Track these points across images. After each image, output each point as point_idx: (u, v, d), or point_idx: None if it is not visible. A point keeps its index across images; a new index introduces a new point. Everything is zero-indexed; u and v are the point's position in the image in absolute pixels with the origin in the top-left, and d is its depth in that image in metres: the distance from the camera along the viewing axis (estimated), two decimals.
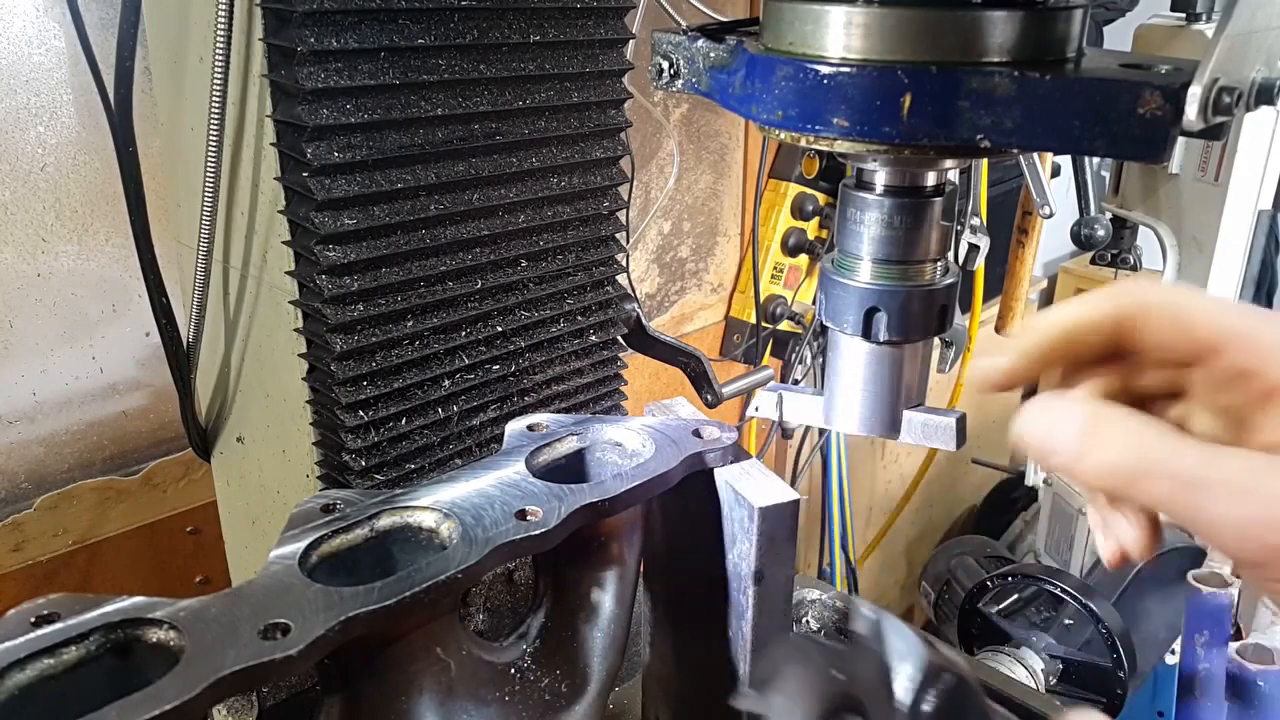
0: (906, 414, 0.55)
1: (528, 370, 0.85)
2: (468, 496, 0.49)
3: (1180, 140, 0.42)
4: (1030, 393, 0.46)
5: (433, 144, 0.73)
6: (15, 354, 1.05)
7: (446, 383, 0.79)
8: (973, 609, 1.43)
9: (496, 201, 0.78)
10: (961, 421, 0.55)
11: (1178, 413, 0.42)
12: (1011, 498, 2.54)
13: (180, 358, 0.89)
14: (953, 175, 0.54)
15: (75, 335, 1.09)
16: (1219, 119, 0.41)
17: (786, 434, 1.95)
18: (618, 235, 0.89)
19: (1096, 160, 1.53)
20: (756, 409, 0.57)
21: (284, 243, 0.73)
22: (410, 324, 0.75)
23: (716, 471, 0.55)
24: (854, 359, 0.54)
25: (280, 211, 0.72)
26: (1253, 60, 0.43)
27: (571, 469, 0.57)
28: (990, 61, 0.44)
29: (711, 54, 0.52)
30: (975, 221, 1.68)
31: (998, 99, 0.43)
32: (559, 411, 0.87)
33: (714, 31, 0.53)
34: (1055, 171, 1.71)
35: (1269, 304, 2.72)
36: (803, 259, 1.78)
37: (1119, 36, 1.56)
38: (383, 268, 0.73)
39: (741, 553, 0.53)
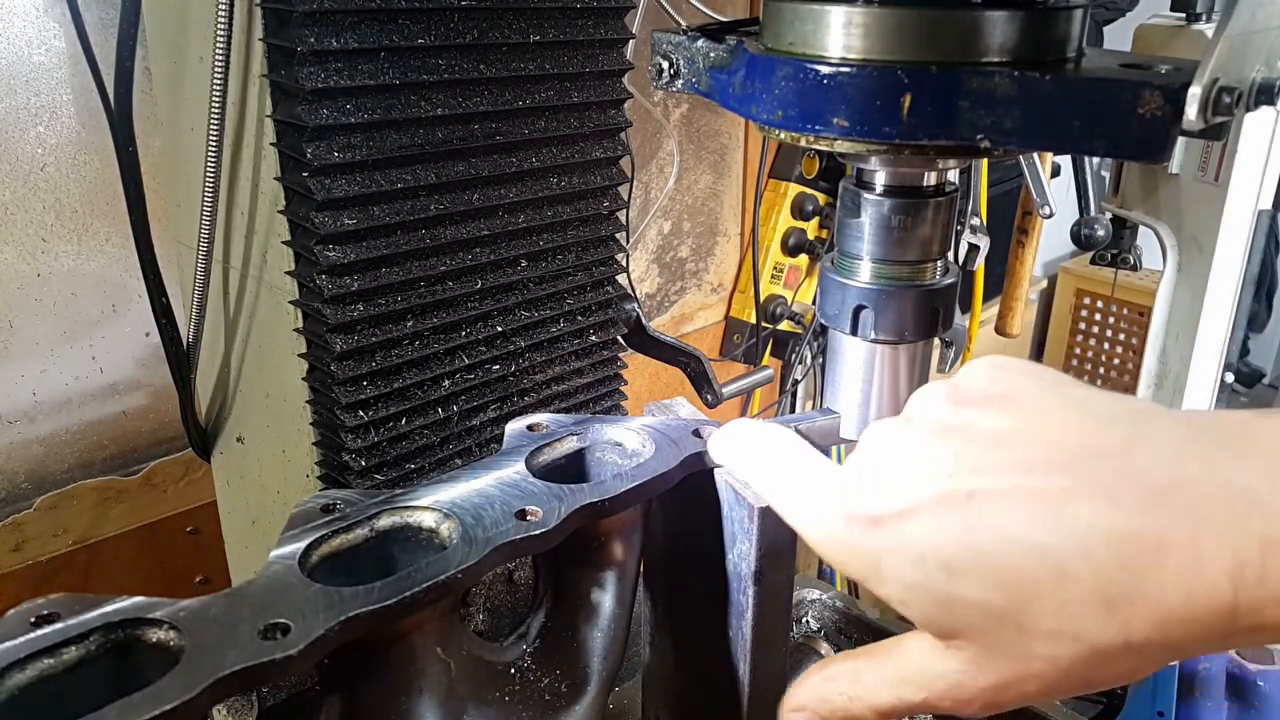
0: None
1: (528, 370, 0.85)
2: (468, 496, 0.49)
3: (1180, 140, 0.42)
4: None
5: (433, 144, 0.73)
6: (15, 354, 1.05)
7: (446, 383, 0.79)
8: None
9: (496, 201, 0.78)
10: None
11: None
12: None
13: (180, 358, 0.89)
14: (953, 176, 0.54)
15: (75, 335, 1.09)
16: (1219, 119, 0.41)
17: None
18: (618, 235, 0.89)
19: (1096, 160, 1.53)
20: None
21: (284, 243, 0.73)
22: (410, 324, 0.75)
23: (716, 471, 0.55)
24: (853, 359, 0.54)
25: (280, 211, 0.72)
26: (1253, 60, 0.43)
27: (571, 469, 0.57)
28: (990, 61, 0.44)
29: (711, 54, 0.52)
30: (975, 221, 1.68)
31: (998, 99, 0.43)
32: (559, 411, 0.87)
33: (714, 31, 0.53)
34: (1055, 171, 1.71)
35: (1269, 304, 2.71)
36: (803, 259, 1.78)
37: (1119, 36, 1.56)
38: (383, 268, 0.73)
39: (741, 553, 0.53)
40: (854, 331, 0.53)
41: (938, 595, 0.37)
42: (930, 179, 0.52)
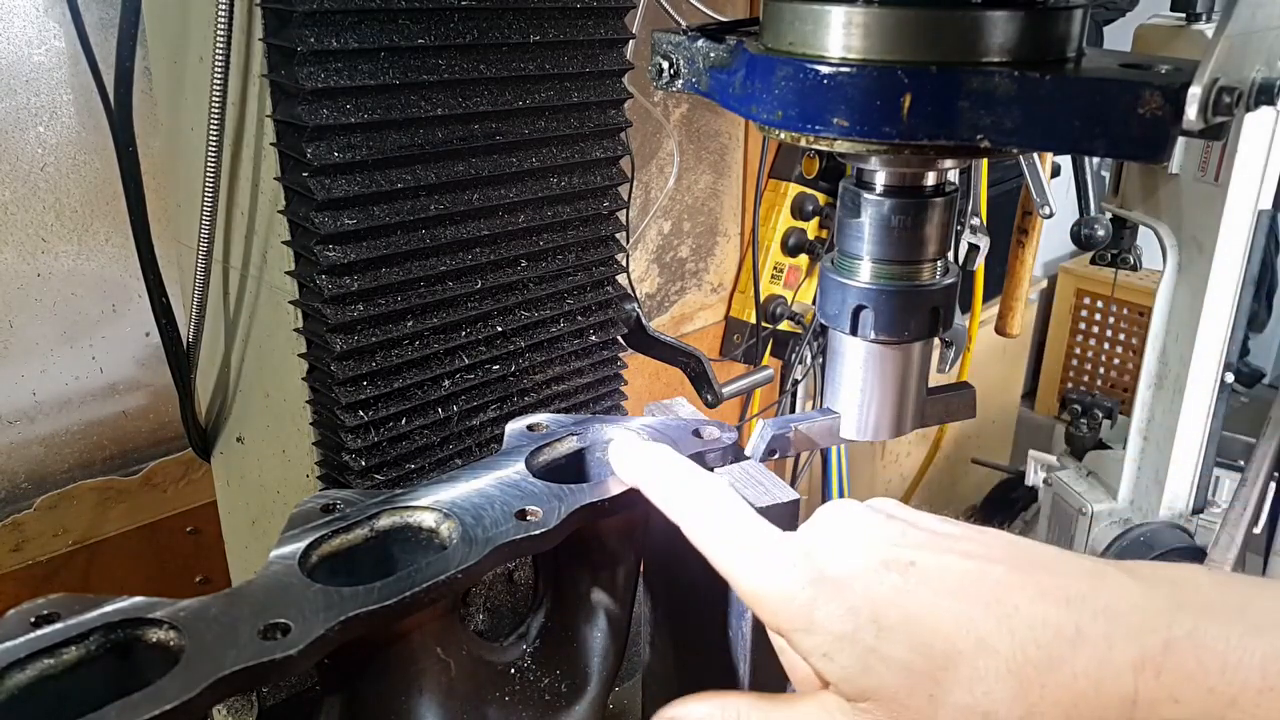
0: (927, 400, 0.56)
1: (528, 370, 0.85)
2: (468, 496, 0.49)
3: (1180, 140, 0.42)
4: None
5: (433, 144, 0.73)
6: (15, 354, 1.05)
7: (446, 383, 0.79)
8: None
9: (496, 201, 0.78)
10: (973, 392, 0.57)
11: None
12: (1011, 497, 2.54)
13: (180, 358, 0.89)
14: (953, 176, 0.54)
15: (75, 335, 1.09)
16: (1219, 119, 0.41)
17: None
18: (618, 235, 0.89)
19: (1096, 160, 1.53)
20: (774, 454, 0.56)
21: (284, 243, 0.73)
22: (410, 324, 0.75)
23: (716, 471, 0.55)
24: (853, 359, 0.54)
25: (280, 211, 0.72)
26: (1253, 60, 0.43)
27: (571, 469, 0.57)
28: (990, 61, 0.44)
29: (711, 54, 0.52)
30: (975, 222, 1.68)
31: (998, 99, 0.43)
32: (559, 411, 0.87)
33: (714, 32, 0.53)
34: (1055, 171, 1.71)
35: (1269, 304, 2.71)
36: (803, 259, 1.78)
37: (1119, 37, 1.56)
38: (383, 268, 0.73)
39: None
40: (854, 331, 0.53)
41: (863, 648, 0.38)
42: (930, 179, 0.52)
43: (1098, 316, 3.01)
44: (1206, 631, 0.36)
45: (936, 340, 0.74)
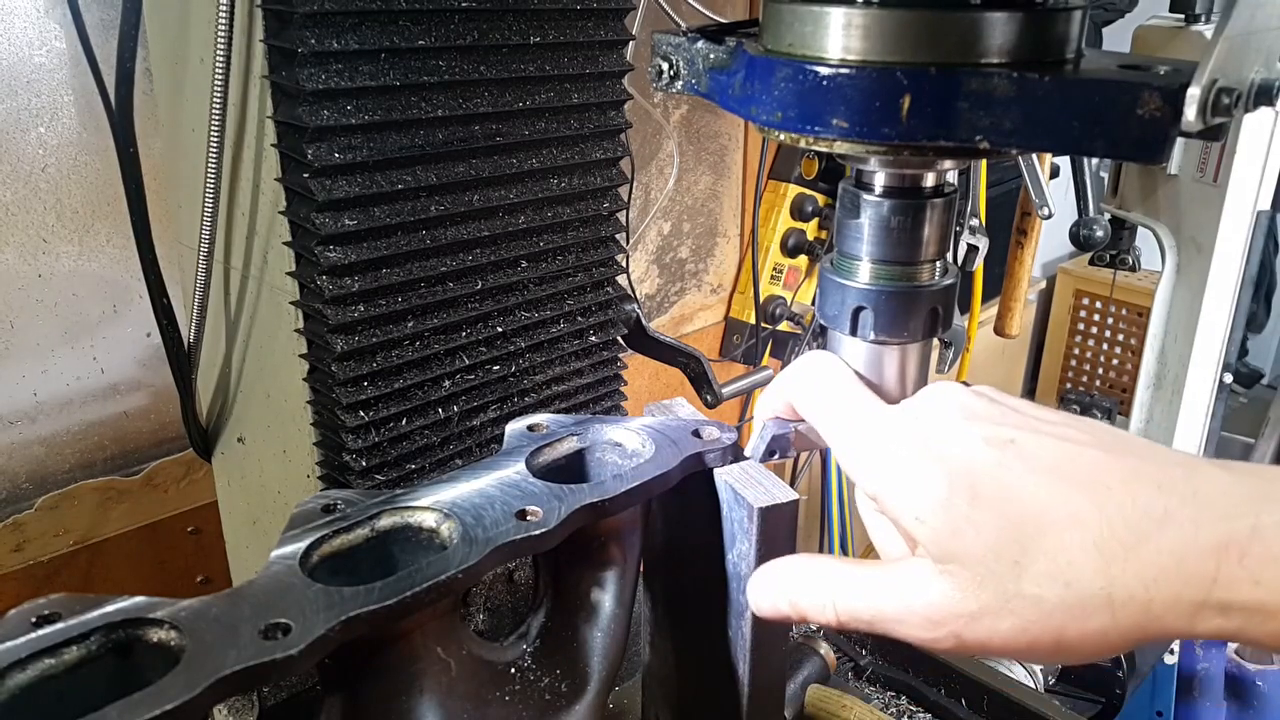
0: None
1: (528, 371, 0.85)
2: (468, 496, 0.50)
3: (1179, 141, 0.42)
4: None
5: (433, 145, 0.73)
6: (16, 354, 1.05)
7: (447, 383, 0.79)
8: None
9: (497, 202, 0.78)
10: None
11: None
12: None
13: (181, 358, 0.89)
14: (952, 177, 0.54)
15: (76, 336, 1.09)
16: (1218, 120, 0.41)
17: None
18: (617, 236, 0.89)
19: (1095, 161, 1.53)
20: (774, 455, 0.57)
21: (285, 244, 0.73)
22: (411, 324, 0.75)
23: (716, 472, 0.55)
24: (852, 360, 0.54)
25: (281, 212, 0.72)
26: (1252, 61, 0.43)
27: (571, 469, 0.57)
28: (989, 62, 0.44)
29: (711, 55, 0.52)
30: (974, 222, 1.68)
31: (997, 100, 0.43)
32: (559, 412, 0.87)
33: (713, 33, 0.53)
34: (1054, 172, 1.71)
35: (1268, 304, 2.71)
36: (802, 260, 1.78)
37: (1118, 37, 1.56)
38: (383, 268, 0.73)
39: (741, 553, 0.54)
40: (853, 332, 0.53)
41: (956, 514, 0.40)
42: (929, 180, 0.52)
43: (1096, 317, 3.01)
44: None
45: (935, 341, 0.74)
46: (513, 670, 0.54)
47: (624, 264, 0.91)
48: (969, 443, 0.42)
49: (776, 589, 0.48)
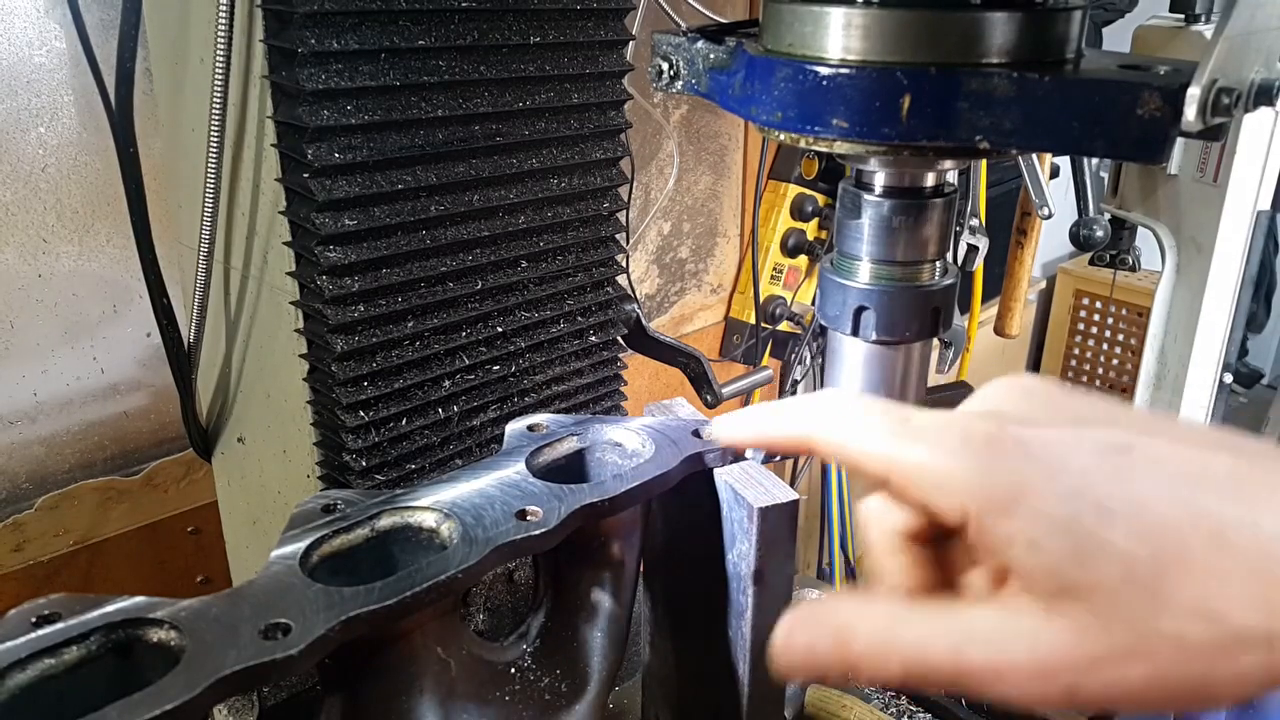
0: (926, 401, 0.56)
1: (528, 370, 0.85)
2: (468, 496, 0.50)
3: (1179, 141, 0.42)
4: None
5: (433, 145, 0.73)
6: (16, 354, 1.05)
7: (447, 383, 0.79)
8: None
9: (497, 202, 0.78)
10: (972, 392, 0.57)
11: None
12: None
13: (181, 358, 0.89)
14: (952, 177, 0.54)
15: (76, 336, 1.09)
16: (1218, 120, 0.41)
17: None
18: (617, 236, 0.89)
19: (1095, 161, 1.53)
20: (775, 455, 0.56)
21: (285, 244, 0.73)
22: (411, 325, 0.75)
23: (716, 472, 0.55)
24: (852, 360, 0.54)
25: (281, 212, 0.72)
26: (1252, 61, 0.43)
27: (571, 469, 0.57)
28: (989, 62, 0.44)
29: (711, 55, 0.52)
30: (974, 222, 1.68)
31: (997, 100, 0.43)
32: (559, 412, 0.87)
33: (713, 33, 0.53)
34: (1054, 172, 1.71)
35: (1268, 304, 2.71)
36: (802, 260, 1.78)
37: (1118, 38, 1.56)
38: (383, 268, 0.73)
39: (741, 553, 0.54)
40: (854, 332, 0.53)
41: (1080, 535, 0.32)
42: (929, 180, 0.52)
43: (1096, 317, 3.01)
44: None
45: (935, 341, 0.74)
46: (513, 670, 0.54)
47: (624, 264, 0.91)
48: (1083, 447, 0.34)
49: (816, 630, 0.37)
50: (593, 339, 0.89)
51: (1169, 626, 0.31)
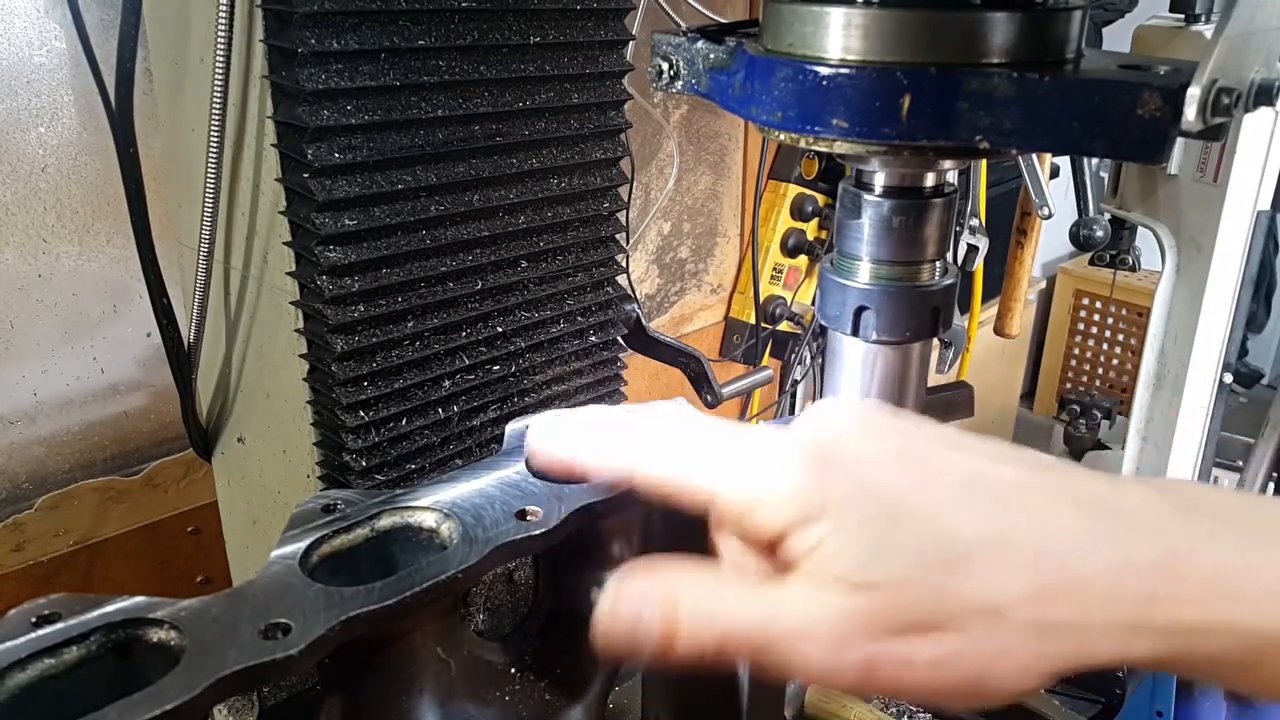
0: (926, 400, 0.56)
1: (528, 370, 0.85)
2: (468, 496, 0.50)
3: (1179, 141, 0.42)
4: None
5: (433, 145, 0.73)
6: (16, 354, 1.05)
7: (447, 383, 0.79)
8: None
9: (497, 202, 0.78)
10: (972, 391, 0.57)
11: None
12: None
13: (181, 358, 0.89)
14: (952, 177, 0.54)
15: (76, 336, 1.09)
16: (1218, 120, 0.41)
17: None
18: (617, 236, 0.89)
19: (1095, 161, 1.53)
20: None
21: (285, 244, 0.73)
22: (411, 325, 0.75)
23: None
24: (852, 360, 0.54)
25: (281, 212, 0.72)
26: (1252, 61, 0.43)
27: None
28: (989, 62, 0.44)
29: (711, 55, 0.52)
30: (974, 222, 1.68)
31: (997, 100, 0.43)
32: None
33: (713, 33, 0.53)
34: (1054, 172, 1.71)
35: (1268, 304, 2.71)
36: (802, 260, 1.78)
37: (1118, 38, 1.56)
38: (383, 268, 0.73)
39: None
40: (854, 332, 0.53)
41: (877, 532, 0.36)
42: (929, 180, 0.52)
43: (1096, 317, 3.01)
44: (1222, 536, 0.36)
45: (935, 341, 0.75)
46: (513, 670, 0.54)
47: (624, 264, 0.91)
48: (883, 459, 0.38)
49: (644, 599, 0.39)
50: (593, 339, 0.89)
51: (954, 616, 0.35)
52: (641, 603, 0.39)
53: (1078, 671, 0.36)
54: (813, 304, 1.78)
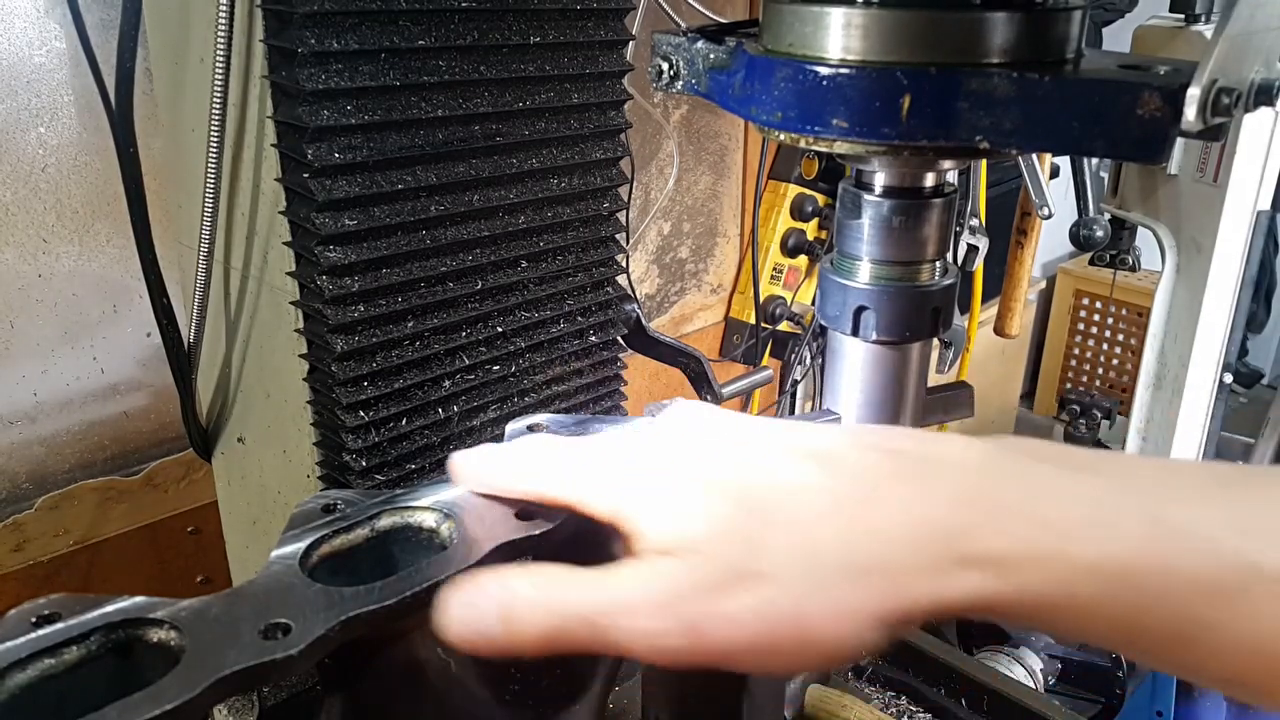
0: (926, 400, 0.56)
1: (528, 370, 0.85)
2: (468, 496, 0.50)
3: (1179, 141, 0.42)
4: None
5: (433, 145, 0.73)
6: (16, 354, 1.05)
7: (447, 383, 0.79)
8: None
9: (497, 202, 0.78)
10: (971, 391, 0.57)
11: None
12: None
13: (181, 358, 0.89)
14: (952, 177, 0.54)
15: (76, 335, 1.09)
16: (1218, 120, 0.41)
17: None
18: (617, 236, 0.89)
19: (1095, 161, 1.53)
20: None
21: (285, 244, 0.73)
22: (411, 325, 0.75)
23: None
24: (852, 360, 0.54)
25: (281, 212, 0.72)
26: (1252, 61, 0.43)
27: None
28: (989, 62, 0.44)
29: (711, 55, 0.52)
30: (974, 222, 1.68)
31: (997, 100, 0.44)
32: (559, 411, 0.87)
33: (713, 33, 0.53)
34: (1054, 172, 1.71)
35: (1268, 304, 2.71)
36: (802, 260, 1.78)
37: (1118, 38, 1.56)
38: (383, 268, 0.73)
39: None
40: (855, 332, 0.53)
41: (687, 502, 0.39)
42: (929, 180, 0.52)
43: (1096, 317, 3.01)
44: (1035, 470, 0.37)
45: (935, 341, 0.75)
46: (513, 670, 0.54)
47: (624, 264, 0.91)
48: (701, 451, 0.41)
49: (483, 603, 0.40)
50: (593, 339, 0.89)
51: (766, 565, 0.36)
52: (480, 592, 0.41)
53: (912, 623, 0.36)
54: (813, 304, 1.78)
